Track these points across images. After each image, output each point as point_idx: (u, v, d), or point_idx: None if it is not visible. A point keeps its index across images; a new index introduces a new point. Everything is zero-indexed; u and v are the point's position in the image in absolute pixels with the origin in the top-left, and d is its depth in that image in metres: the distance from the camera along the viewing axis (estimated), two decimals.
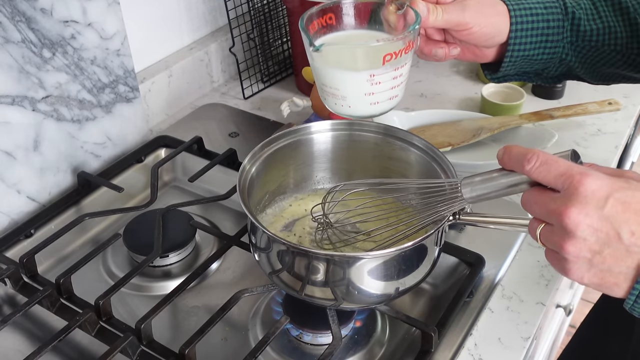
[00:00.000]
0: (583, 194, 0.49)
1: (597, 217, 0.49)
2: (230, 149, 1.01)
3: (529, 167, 0.53)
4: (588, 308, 1.07)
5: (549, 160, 0.52)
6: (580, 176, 0.50)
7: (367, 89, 0.67)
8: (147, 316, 0.73)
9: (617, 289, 0.51)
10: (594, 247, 0.49)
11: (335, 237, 0.75)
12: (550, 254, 0.54)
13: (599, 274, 0.51)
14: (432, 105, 1.22)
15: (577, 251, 0.50)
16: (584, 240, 0.49)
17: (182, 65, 1.19)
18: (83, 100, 0.95)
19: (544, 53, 0.79)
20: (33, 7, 0.84)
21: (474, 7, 0.73)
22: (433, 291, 0.85)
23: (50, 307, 0.78)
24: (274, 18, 1.28)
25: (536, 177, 0.53)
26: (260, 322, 0.80)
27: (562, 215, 0.50)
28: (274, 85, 1.30)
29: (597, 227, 0.49)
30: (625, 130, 1.15)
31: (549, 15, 0.78)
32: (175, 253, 0.88)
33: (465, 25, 0.73)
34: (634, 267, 0.49)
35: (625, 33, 0.78)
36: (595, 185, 0.49)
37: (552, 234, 0.52)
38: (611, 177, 0.50)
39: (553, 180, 0.51)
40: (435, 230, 0.67)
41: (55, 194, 0.96)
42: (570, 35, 0.79)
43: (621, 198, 0.49)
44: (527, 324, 0.78)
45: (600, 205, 0.49)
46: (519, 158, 0.54)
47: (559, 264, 0.53)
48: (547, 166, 0.52)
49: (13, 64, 0.84)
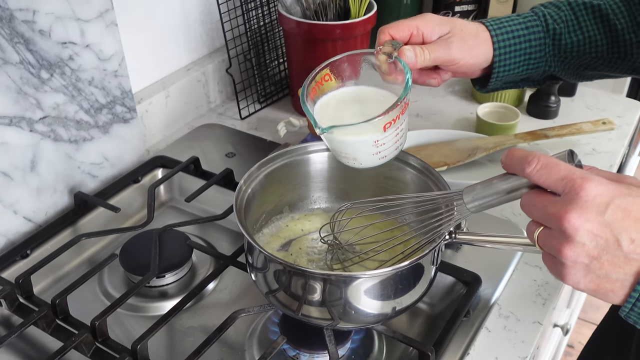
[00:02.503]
0: (584, 199, 0.49)
1: (597, 223, 0.49)
2: (227, 169, 1.01)
3: (529, 169, 0.53)
4: (586, 328, 1.07)
5: (550, 164, 0.52)
6: (582, 181, 0.49)
7: (374, 150, 0.70)
8: (143, 337, 0.73)
9: (612, 296, 0.51)
10: (593, 252, 0.49)
11: (344, 256, 0.75)
12: (547, 257, 0.54)
13: (596, 279, 0.51)
14: (428, 125, 1.23)
15: (575, 256, 0.50)
16: (582, 245, 0.49)
17: (180, 86, 1.20)
18: (80, 120, 0.96)
19: (527, 69, 0.83)
20: (32, 29, 0.85)
21: (459, 42, 0.76)
22: (430, 310, 0.85)
23: (46, 328, 0.77)
24: (270, 39, 1.29)
25: (537, 180, 0.53)
26: (257, 342, 0.79)
27: (562, 219, 0.49)
28: (271, 105, 1.30)
29: (596, 233, 0.49)
30: (620, 150, 1.16)
31: (531, 35, 0.81)
32: (171, 273, 0.87)
33: (452, 62, 0.77)
34: (632, 274, 0.49)
35: (606, 40, 0.81)
36: (597, 191, 0.49)
37: (550, 237, 0.52)
38: (612, 182, 0.50)
39: (554, 184, 0.51)
40: (432, 250, 0.67)
41: (51, 214, 0.96)
42: (552, 50, 0.82)
43: (622, 205, 0.49)
44: (525, 343, 0.78)
45: (600, 210, 0.49)
46: (520, 161, 0.54)
47: (555, 268, 0.53)
48: (547, 169, 0.52)
49: (11, 84, 0.84)
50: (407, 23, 0.75)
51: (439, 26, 0.76)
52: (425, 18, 0.76)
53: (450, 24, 0.77)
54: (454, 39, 0.76)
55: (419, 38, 0.75)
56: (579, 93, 1.32)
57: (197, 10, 1.23)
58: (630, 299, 0.50)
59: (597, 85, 1.34)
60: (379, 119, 0.66)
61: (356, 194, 0.82)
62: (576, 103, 1.30)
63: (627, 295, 0.50)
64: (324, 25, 1.12)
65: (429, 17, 0.76)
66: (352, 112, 0.74)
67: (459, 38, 0.76)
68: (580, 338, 2.05)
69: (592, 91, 1.34)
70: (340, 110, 0.74)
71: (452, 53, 0.76)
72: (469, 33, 0.78)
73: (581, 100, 1.31)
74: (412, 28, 0.75)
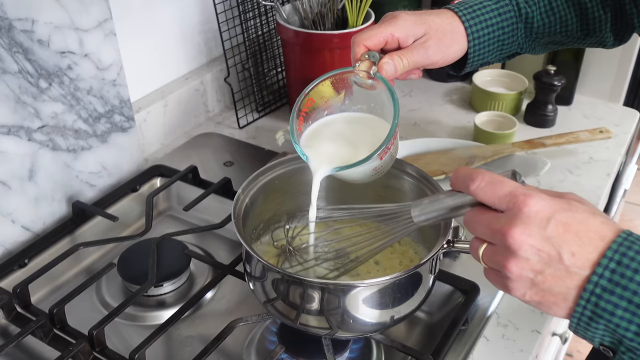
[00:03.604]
0: (526, 214, 0.50)
1: (540, 238, 0.49)
2: (225, 178, 1.01)
3: (473, 186, 0.53)
4: None
5: (494, 181, 0.53)
6: (524, 197, 0.50)
7: (372, 173, 0.72)
8: (141, 346, 0.73)
9: (555, 308, 0.52)
10: (536, 266, 0.50)
11: (295, 261, 0.75)
12: (490, 272, 0.54)
13: (540, 292, 0.51)
14: (426, 134, 1.23)
15: (520, 270, 0.51)
16: (526, 260, 0.50)
17: (178, 95, 1.20)
18: (79, 129, 0.96)
19: (500, 54, 0.84)
20: (30, 39, 0.85)
21: (435, 44, 0.76)
22: (428, 319, 0.85)
23: (44, 338, 0.77)
24: (268, 48, 1.29)
25: (481, 197, 0.53)
26: (255, 351, 0.79)
27: (506, 235, 0.50)
28: (269, 114, 1.31)
29: (539, 247, 0.49)
30: (617, 158, 1.16)
31: (504, 22, 0.81)
32: (169, 282, 0.87)
33: (431, 64, 0.77)
34: (573, 287, 0.50)
35: (576, 19, 0.83)
36: (539, 206, 0.50)
37: (495, 253, 0.52)
38: (553, 198, 0.51)
39: (497, 201, 0.52)
40: (430, 258, 0.67)
41: (49, 223, 0.96)
42: (524, 33, 0.83)
43: (562, 219, 0.50)
44: (523, 352, 0.78)
45: (542, 225, 0.49)
46: (465, 178, 0.54)
47: (501, 282, 0.53)
48: (492, 186, 0.53)
49: (10, 94, 0.84)
50: (381, 31, 0.73)
51: (413, 29, 0.74)
52: (399, 23, 0.74)
53: (425, 25, 0.75)
54: (430, 42, 0.75)
55: (395, 44, 0.74)
56: (576, 102, 1.33)
57: (195, 20, 1.23)
58: (575, 314, 0.50)
59: (594, 94, 1.35)
60: (375, 160, 0.67)
61: (354, 203, 0.82)
62: (573, 112, 1.31)
63: (570, 309, 0.51)
64: (321, 35, 1.13)
65: (402, 22, 0.74)
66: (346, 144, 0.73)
67: (435, 40, 0.76)
68: (579, 347, 2.05)
69: (590, 100, 1.34)
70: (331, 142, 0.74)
71: (430, 56, 0.75)
72: (443, 32, 0.77)
73: (578, 109, 1.31)
74: (386, 36, 0.73)
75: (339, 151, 0.73)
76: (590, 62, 1.33)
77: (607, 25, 0.83)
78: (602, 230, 0.50)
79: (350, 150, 0.72)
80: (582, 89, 1.35)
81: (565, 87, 1.23)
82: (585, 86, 1.35)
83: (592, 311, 0.49)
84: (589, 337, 0.51)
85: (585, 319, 0.50)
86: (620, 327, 0.48)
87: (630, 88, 1.47)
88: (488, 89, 1.26)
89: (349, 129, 0.75)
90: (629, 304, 0.48)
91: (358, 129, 0.75)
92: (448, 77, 1.41)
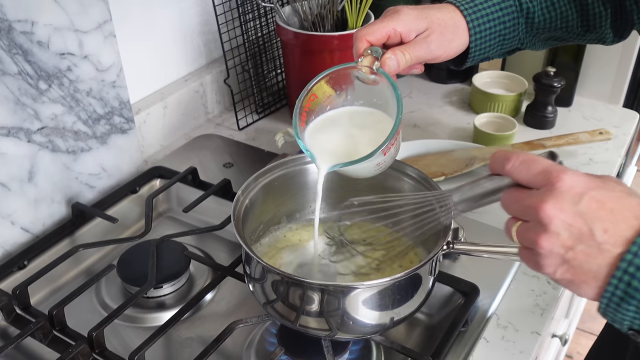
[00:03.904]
0: (559, 190, 0.50)
1: (572, 213, 0.49)
2: (224, 180, 1.01)
3: (509, 166, 0.54)
4: (584, 338, 1.07)
5: (529, 159, 0.53)
6: (558, 173, 0.50)
7: (375, 168, 0.72)
8: (140, 348, 0.73)
9: (585, 287, 0.51)
10: (567, 242, 0.50)
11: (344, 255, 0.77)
12: (524, 251, 0.54)
13: (571, 269, 0.51)
14: (425, 135, 1.23)
15: (551, 245, 0.50)
16: (557, 235, 0.50)
17: (177, 97, 1.20)
18: (78, 131, 0.96)
19: (501, 49, 0.84)
20: (30, 40, 0.85)
21: (437, 39, 0.76)
22: (428, 321, 0.85)
23: (43, 339, 0.77)
24: (268, 50, 1.29)
25: (516, 176, 0.53)
26: (254, 353, 0.79)
27: (538, 209, 0.50)
28: (268, 116, 1.31)
29: (570, 222, 0.49)
30: (617, 160, 1.16)
31: (505, 17, 0.81)
32: (169, 284, 0.87)
33: (433, 59, 0.77)
34: (605, 265, 0.49)
35: (576, 14, 0.83)
36: (573, 182, 0.50)
37: (527, 229, 0.52)
38: (589, 176, 0.51)
39: (532, 178, 0.52)
40: (430, 260, 0.67)
41: (49, 225, 0.96)
42: (525, 28, 0.83)
43: (596, 196, 0.49)
44: (523, 353, 0.78)
45: (575, 200, 0.49)
46: (500, 159, 0.55)
47: (532, 260, 0.53)
48: (526, 165, 0.53)
49: (9, 95, 0.84)
50: (383, 26, 0.73)
51: (415, 24, 0.75)
52: (401, 18, 0.74)
53: (427, 19, 0.75)
54: (432, 37, 0.75)
55: (397, 39, 0.74)
56: (575, 103, 1.33)
57: (195, 22, 1.23)
58: (606, 294, 0.50)
59: (593, 96, 1.35)
60: (379, 156, 0.67)
61: None
62: (573, 113, 1.31)
63: (600, 289, 0.50)
64: (321, 36, 1.13)
65: (404, 16, 0.74)
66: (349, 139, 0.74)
67: (438, 34, 0.76)
68: (579, 348, 2.05)
69: (589, 101, 1.34)
70: (334, 137, 0.74)
71: (432, 51, 0.76)
72: (445, 26, 0.77)
73: (578, 111, 1.31)
74: (389, 30, 0.73)
75: (342, 147, 0.73)
76: (589, 64, 1.33)
77: (607, 22, 0.83)
78: (637, 210, 0.49)
79: (354, 146, 0.72)
80: (582, 91, 1.35)
81: (564, 88, 1.23)
82: (585, 88, 1.35)
83: (624, 291, 0.49)
84: (619, 320, 0.51)
85: (617, 299, 0.49)
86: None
87: (630, 89, 1.47)
88: (488, 90, 1.26)
89: (352, 124, 0.75)
90: None
91: (361, 124, 0.75)
92: (447, 79, 1.41)
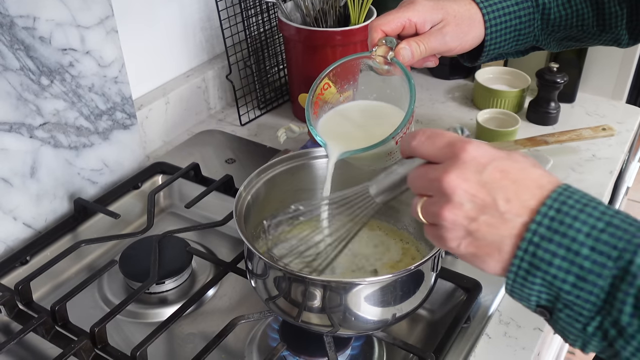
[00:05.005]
0: (463, 160, 0.49)
1: (475, 182, 0.48)
2: (226, 175, 1.01)
3: (414, 142, 0.53)
4: None
5: (434, 134, 0.52)
6: (463, 144, 0.49)
7: (386, 157, 0.71)
8: (142, 343, 0.73)
9: (490, 261, 0.50)
10: (470, 213, 0.49)
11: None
12: (428, 228, 0.53)
13: (475, 242, 0.50)
14: None
15: (454, 217, 0.49)
16: (460, 205, 0.49)
17: (179, 92, 1.20)
18: (80, 127, 0.96)
19: (516, 45, 0.83)
20: (32, 36, 0.85)
21: (453, 30, 0.76)
22: (430, 317, 0.85)
23: (45, 335, 0.77)
24: (270, 46, 1.29)
25: (422, 151, 0.52)
26: (256, 349, 0.79)
27: (441, 180, 0.49)
28: (271, 112, 1.31)
29: (473, 193, 0.48)
30: (620, 156, 1.16)
31: (521, 11, 0.81)
32: (171, 279, 0.87)
33: (448, 51, 0.77)
34: (508, 236, 0.48)
35: (592, 13, 0.82)
36: (477, 153, 0.49)
37: (431, 204, 0.51)
38: (494, 148, 0.50)
39: (438, 152, 0.51)
40: (432, 256, 0.67)
41: (51, 220, 0.96)
42: (540, 24, 0.82)
43: (500, 166, 0.49)
44: (525, 349, 0.78)
45: (478, 170, 0.48)
46: (408, 138, 0.53)
47: (437, 234, 0.52)
48: (431, 139, 0.52)
49: (11, 91, 0.84)
50: (399, 16, 0.73)
51: (430, 15, 0.74)
52: (417, 8, 0.74)
53: (442, 10, 0.75)
54: (448, 28, 0.75)
55: (412, 29, 0.74)
56: (578, 99, 1.32)
57: (197, 17, 1.23)
58: (512, 267, 0.48)
59: (596, 92, 1.35)
60: (391, 145, 0.67)
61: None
62: (576, 109, 1.30)
63: (506, 263, 0.49)
64: (323, 32, 1.13)
65: (419, 7, 0.74)
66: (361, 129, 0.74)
67: (453, 26, 0.75)
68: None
69: (592, 97, 1.34)
70: (346, 126, 0.74)
71: (447, 43, 0.75)
72: (461, 18, 0.77)
73: (581, 107, 1.31)
74: (404, 21, 0.73)
75: (354, 135, 0.73)
76: (593, 60, 1.32)
77: (623, 22, 0.83)
78: (540, 180, 0.48)
79: (366, 135, 0.71)
80: (585, 87, 1.34)
81: (568, 84, 1.23)
82: (588, 84, 1.35)
83: (530, 262, 0.47)
84: (526, 297, 0.50)
85: (522, 272, 0.48)
86: (557, 278, 0.47)
87: (633, 85, 1.46)
88: (490, 86, 1.26)
89: (364, 115, 0.75)
90: (567, 251, 0.46)
91: (373, 115, 0.75)
92: (450, 75, 1.40)
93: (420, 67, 0.78)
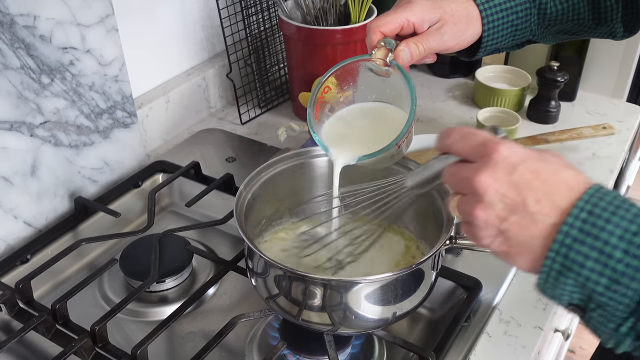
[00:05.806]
0: (494, 160, 0.49)
1: (505, 183, 0.49)
2: (227, 174, 1.01)
3: (449, 140, 0.54)
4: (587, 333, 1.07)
5: (468, 133, 0.53)
6: (495, 144, 0.50)
7: (390, 159, 0.73)
8: (143, 342, 0.73)
9: (521, 260, 0.51)
10: (501, 213, 0.49)
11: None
12: (464, 225, 0.54)
13: (507, 242, 0.50)
14: (428, 130, 1.23)
15: (486, 216, 0.50)
16: (492, 205, 0.49)
17: (180, 91, 1.20)
18: (81, 125, 0.96)
19: (513, 40, 0.84)
20: (32, 34, 0.85)
21: (451, 30, 0.76)
22: (430, 315, 0.85)
23: (46, 333, 0.77)
24: (270, 44, 1.29)
25: (455, 149, 0.53)
26: (257, 347, 0.79)
27: (472, 180, 0.50)
28: (271, 110, 1.30)
29: (504, 193, 0.49)
30: (620, 154, 1.15)
31: (518, 7, 0.81)
32: (171, 278, 0.87)
33: (446, 50, 0.77)
34: (539, 237, 0.49)
35: (588, 7, 0.83)
36: (508, 153, 0.49)
37: (464, 202, 0.52)
38: (527, 148, 0.51)
39: (471, 151, 0.52)
40: (433, 255, 0.67)
41: (52, 219, 0.96)
42: (537, 19, 0.83)
43: (531, 167, 0.49)
44: (525, 348, 0.78)
45: (509, 170, 0.49)
46: (443, 135, 0.55)
47: (471, 232, 0.53)
48: (465, 138, 0.53)
49: (12, 89, 0.84)
50: (397, 17, 0.73)
51: (428, 14, 0.75)
52: (414, 8, 0.74)
53: (440, 10, 0.75)
54: (445, 28, 0.75)
55: (410, 29, 0.74)
56: (579, 98, 1.32)
57: (197, 16, 1.23)
58: (544, 268, 0.49)
59: (597, 90, 1.35)
60: (393, 148, 0.67)
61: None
62: (576, 108, 1.30)
63: (536, 261, 0.49)
64: (324, 30, 1.13)
65: (417, 7, 0.74)
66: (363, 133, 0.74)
67: (451, 25, 0.76)
68: (581, 343, 2.05)
69: (593, 96, 1.34)
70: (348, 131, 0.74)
71: (445, 42, 0.76)
72: (459, 16, 0.77)
73: (581, 105, 1.31)
74: (402, 21, 0.73)
75: (357, 140, 0.73)
76: (593, 58, 1.32)
77: (618, 15, 0.83)
78: (571, 182, 0.49)
79: (369, 140, 0.72)
80: (585, 85, 1.34)
81: (568, 83, 1.23)
82: (589, 82, 1.34)
83: (562, 264, 0.48)
84: (558, 296, 0.50)
85: (554, 273, 0.48)
86: (590, 280, 0.47)
87: (634, 84, 1.46)
88: (491, 85, 1.26)
89: (366, 117, 0.75)
90: (600, 254, 0.46)
91: (375, 117, 0.75)
92: (451, 73, 1.40)
93: (419, 64, 0.78)
